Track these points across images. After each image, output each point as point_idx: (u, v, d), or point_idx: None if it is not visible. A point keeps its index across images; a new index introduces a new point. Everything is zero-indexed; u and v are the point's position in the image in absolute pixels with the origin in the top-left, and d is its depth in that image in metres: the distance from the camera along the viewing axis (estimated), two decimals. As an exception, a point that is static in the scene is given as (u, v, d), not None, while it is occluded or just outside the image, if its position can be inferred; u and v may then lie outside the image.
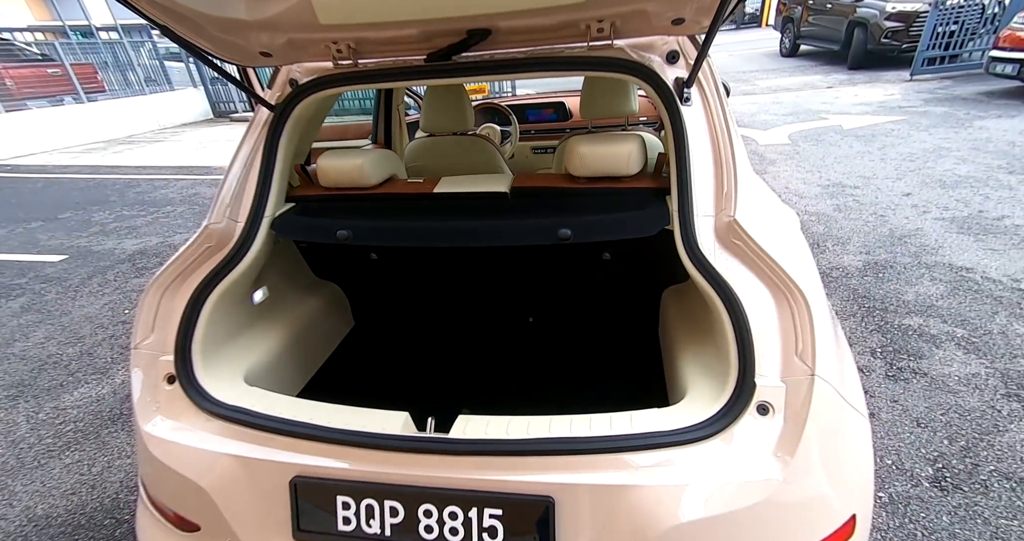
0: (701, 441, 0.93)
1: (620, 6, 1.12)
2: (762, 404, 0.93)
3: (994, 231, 3.33)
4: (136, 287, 3.66)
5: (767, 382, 0.94)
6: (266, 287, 1.55)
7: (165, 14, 1.12)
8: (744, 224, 1.06)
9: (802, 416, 0.89)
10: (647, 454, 0.92)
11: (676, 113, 1.23)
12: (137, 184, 6.66)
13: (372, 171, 1.53)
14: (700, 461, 0.90)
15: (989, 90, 7.04)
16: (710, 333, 1.23)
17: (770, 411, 0.93)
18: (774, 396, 0.93)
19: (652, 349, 1.70)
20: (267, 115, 1.49)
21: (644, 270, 1.67)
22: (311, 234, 1.47)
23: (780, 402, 0.93)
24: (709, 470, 0.89)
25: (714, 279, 1.06)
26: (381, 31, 1.26)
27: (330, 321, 1.89)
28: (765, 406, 0.93)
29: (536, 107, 3.70)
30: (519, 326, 1.98)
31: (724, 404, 0.97)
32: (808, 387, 0.90)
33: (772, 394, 0.93)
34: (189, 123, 12.28)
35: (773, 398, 0.93)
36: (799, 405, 0.91)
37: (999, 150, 4.78)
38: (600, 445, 0.93)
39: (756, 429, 0.92)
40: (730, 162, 1.17)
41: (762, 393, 0.94)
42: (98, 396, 2.49)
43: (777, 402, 0.93)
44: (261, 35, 1.27)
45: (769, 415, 0.93)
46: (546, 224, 1.31)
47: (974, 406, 2.01)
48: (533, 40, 1.34)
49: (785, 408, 0.92)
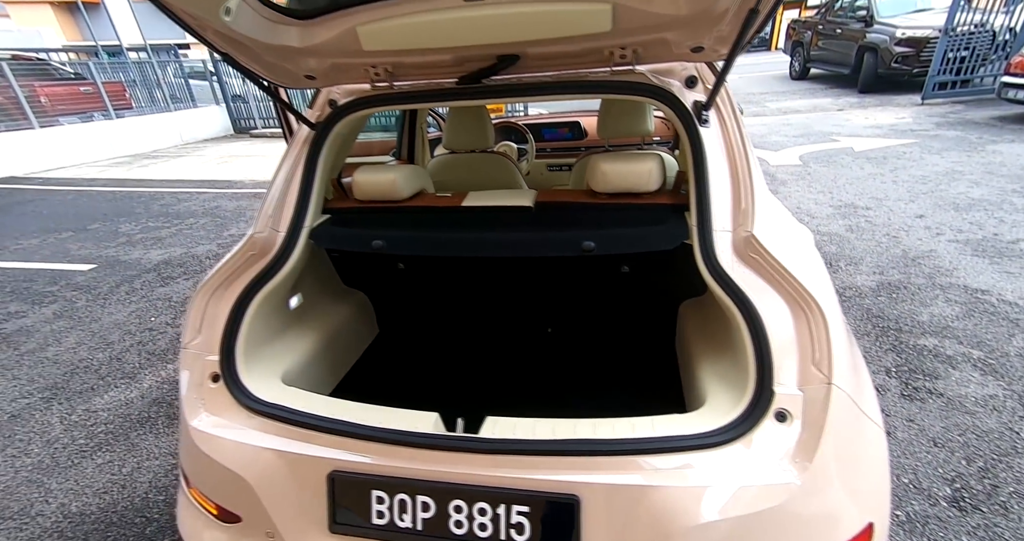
0: (721, 446, 0.97)
1: (643, 35, 1.21)
2: (780, 411, 0.98)
3: (1009, 254, 3.34)
4: (162, 296, 3.77)
5: (785, 390, 0.98)
6: (301, 294, 1.63)
7: (228, 43, 1.23)
8: (761, 239, 1.12)
9: (819, 423, 0.94)
10: (669, 457, 0.97)
11: (695, 134, 1.30)
12: (161, 197, 6.87)
13: (404, 185, 1.63)
14: (719, 465, 0.95)
15: (1002, 115, 7.08)
16: (727, 344, 1.28)
17: (788, 418, 0.97)
18: (792, 404, 0.97)
19: (668, 360, 1.74)
20: (307, 132, 1.60)
21: (662, 283, 1.73)
22: (348, 244, 1.55)
23: (798, 410, 0.97)
24: (728, 474, 0.93)
25: (732, 290, 1.12)
26: (417, 56, 1.36)
27: (357, 328, 1.97)
28: (783, 413, 0.98)
29: (552, 126, 3.82)
30: (538, 336, 2.04)
31: (743, 411, 1.01)
32: (825, 395, 0.95)
33: (790, 402, 0.97)
34: (211, 138, 12.66)
35: (791, 406, 0.97)
36: (816, 413, 0.95)
37: (1013, 174, 4.80)
38: (624, 447, 0.98)
39: (774, 435, 0.97)
40: (747, 180, 1.24)
41: (780, 400, 0.98)
42: (127, 400, 2.57)
43: (795, 409, 0.97)
44: (309, 60, 1.38)
45: (787, 422, 0.97)
46: (570, 236, 1.38)
47: (992, 427, 2.01)
48: (559, 65, 1.43)
49: (803, 415, 0.96)
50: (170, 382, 2.69)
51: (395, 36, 1.25)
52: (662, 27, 1.16)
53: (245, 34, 1.18)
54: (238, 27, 1.14)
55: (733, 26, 1.08)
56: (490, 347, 2.01)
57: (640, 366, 1.81)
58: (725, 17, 1.06)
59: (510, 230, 1.48)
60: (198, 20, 1.12)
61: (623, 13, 1.13)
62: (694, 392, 1.33)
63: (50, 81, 10.15)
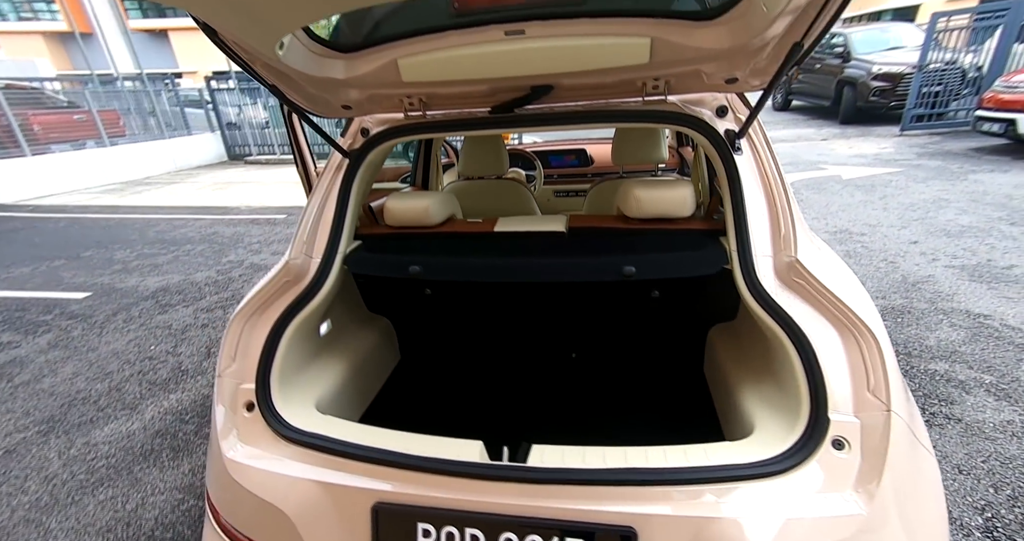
0: (779, 475, 0.95)
1: (679, 67, 1.26)
2: (837, 439, 0.97)
3: (1005, 280, 3.43)
4: (161, 323, 3.69)
5: (841, 417, 0.98)
6: (330, 320, 1.61)
7: (276, 76, 1.25)
8: (807, 264, 1.14)
9: (880, 452, 0.93)
10: (727, 486, 0.95)
11: (730, 161, 1.34)
12: (156, 224, 6.80)
13: (437, 211, 1.64)
14: (779, 495, 0.93)
15: (978, 146, 7.39)
16: (768, 369, 1.28)
17: (846, 446, 0.96)
18: (849, 431, 0.97)
19: (697, 385, 1.73)
20: (339, 160, 1.61)
21: (691, 308, 1.74)
22: (385, 269, 1.55)
23: (856, 437, 0.96)
24: (790, 505, 0.91)
25: (779, 316, 1.13)
26: (453, 87, 1.39)
27: (382, 354, 1.95)
28: (840, 441, 0.97)
29: (558, 153, 3.90)
30: (562, 361, 2.02)
31: (798, 438, 1.00)
32: (884, 423, 0.94)
33: (847, 429, 0.97)
34: (204, 165, 12.67)
35: (848, 433, 0.97)
36: (876, 441, 0.94)
37: (997, 202, 4.98)
38: (681, 476, 0.96)
39: (833, 464, 0.95)
40: (785, 206, 1.27)
41: (836, 428, 0.97)
42: (128, 432, 2.47)
43: (852, 437, 0.96)
44: (350, 91, 1.40)
45: (845, 450, 0.96)
46: (609, 261, 1.39)
47: (1014, 454, 2.02)
48: (590, 95, 1.47)
49: (861, 443, 0.96)
50: (174, 413, 2.60)
51: (434, 68, 1.28)
52: (699, 60, 1.21)
53: (293, 67, 1.20)
54: (288, 60, 1.16)
55: (771, 59, 1.13)
56: (513, 373, 1.99)
57: (668, 391, 1.80)
58: (764, 50, 1.11)
59: (545, 255, 1.49)
60: (251, 54, 1.14)
61: (661, 46, 1.17)
62: (736, 419, 1.32)
63: (43, 109, 10.15)
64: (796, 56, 1.01)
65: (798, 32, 0.97)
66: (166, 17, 29.02)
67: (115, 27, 25.15)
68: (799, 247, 1.18)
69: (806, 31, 0.95)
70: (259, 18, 0.96)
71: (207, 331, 3.53)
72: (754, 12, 1.00)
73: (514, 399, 1.85)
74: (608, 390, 1.86)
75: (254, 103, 12.58)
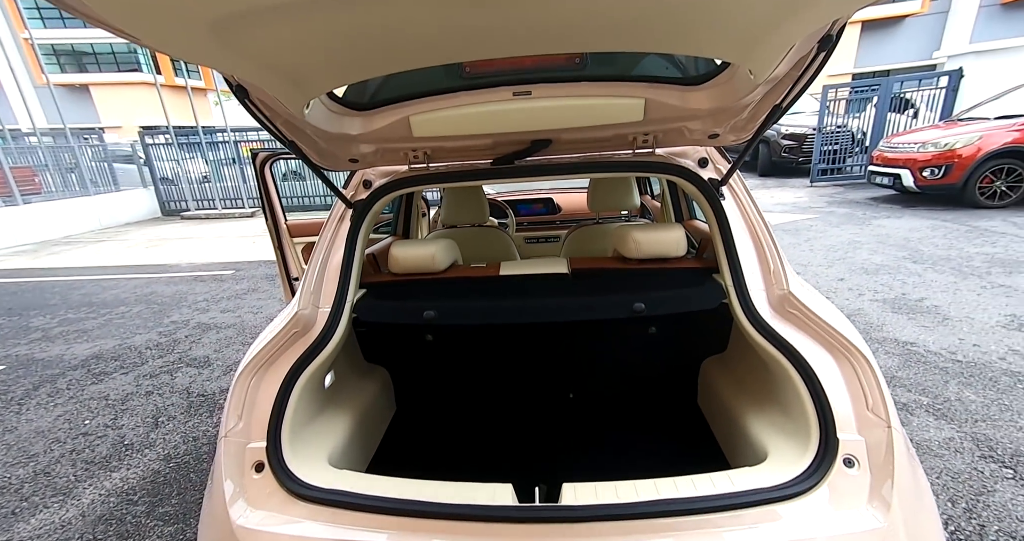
0: (803, 495, 1.02)
1: (669, 124, 1.42)
2: (847, 457, 1.06)
3: (919, 310, 3.88)
4: (95, 394, 3.32)
5: (847, 436, 1.08)
6: (334, 371, 1.57)
7: (294, 132, 1.30)
8: (798, 296, 1.28)
9: (888, 466, 1.02)
10: (760, 509, 1.00)
11: (718, 205, 1.49)
12: (81, 285, 6.25)
13: (442, 258, 1.68)
14: (808, 514, 0.99)
15: (874, 196, 8.47)
16: (769, 395, 1.38)
17: (855, 463, 1.05)
18: (856, 449, 1.06)
19: (693, 416, 1.81)
20: (342, 210, 1.64)
21: (686, 343, 1.84)
22: (399, 316, 1.55)
23: (863, 454, 1.06)
24: (819, 523, 0.98)
25: (780, 344, 1.24)
26: (458, 141, 1.49)
27: (381, 404, 1.90)
28: (850, 459, 1.06)
29: (527, 202, 4.09)
30: (560, 402, 2.04)
31: (812, 459, 1.08)
32: (888, 439, 1.05)
33: (854, 447, 1.07)
34: (135, 222, 11.93)
35: (856, 451, 1.06)
36: (882, 456, 1.04)
37: (898, 244, 5.68)
38: (717, 503, 1.00)
39: (847, 481, 1.04)
40: (770, 244, 1.42)
41: (845, 446, 1.07)
42: (63, 521, 2.16)
43: (860, 454, 1.06)
44: (360, 146, 1.46)
45: (855, 468, 1.05)
46: (618, 300, 1.47)
47: (961, 469, 2.22)
48: (585, 148, 1.61)
49: (869, 460, 1.05)
50: (118, 493, 2.32)
51: (444, 124, 1.38)
52: (687, 118, 1.38)
53: (313, 125, 1.25)
54: (309, 119, 1.22)
55: (751, 117, 1.32)
56: (513, 415, 1.99)
57: (666, 424, 1.86)
58: (745, 110, 1.29)
59: (552, 296, 1.56)
60: (275, 112, 1.18)
61: (654, 106, 1.34)
62: (743, 445, 1.39)
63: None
64: (776, 115, 1.18)
65: (778, 95, 1.15)
66: (87, 72, 28.03)
67: (27, 81, 23.93)
68: (790, 280, 1.32)
69: (785, 94, 1.13)
70: (300, 80, 1.02)
71: (153, 399, 3.22)
72: (738, 80, 1.18)
73: (516, 441, 1.84)
74: (608, 426, 1.89)
75: (192, 157, 12.20)
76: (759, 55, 0.98)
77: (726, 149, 1.69)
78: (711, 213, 1.51)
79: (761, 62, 1.01)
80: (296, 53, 0.92)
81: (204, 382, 3.42)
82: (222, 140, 11.81)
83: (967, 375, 2.93)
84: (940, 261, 4.94)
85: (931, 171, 6.92)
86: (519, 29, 0.86)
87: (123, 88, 27.09)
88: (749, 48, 0.96)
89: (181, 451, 2.63)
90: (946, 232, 5.94)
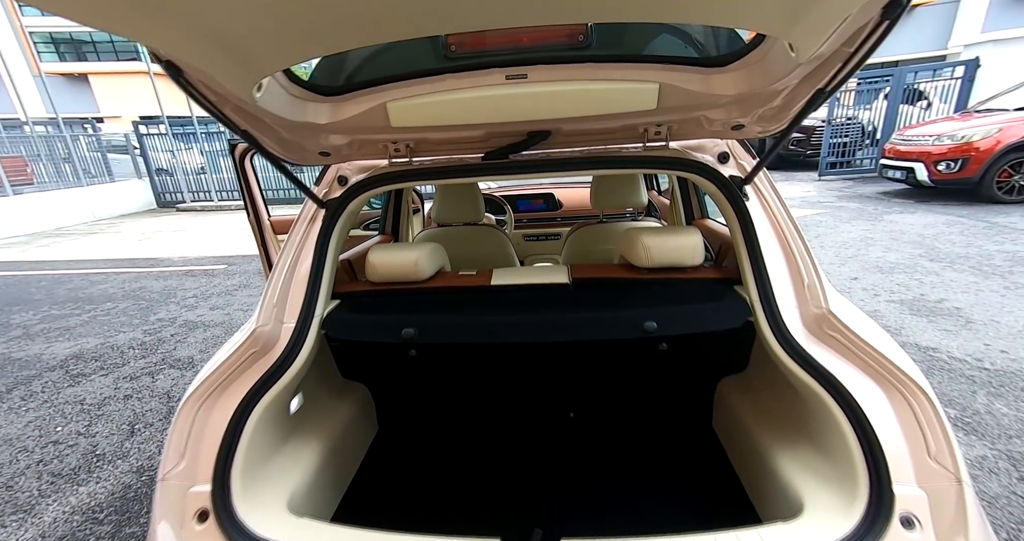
0: None
1: (686, 113, 1.22)
2: (906, 516, 0.87)
3: (940, 313, 3.68)
4: (71, 398, 3.16)
5: (905, 490, 0.89)
6: (302, 393, 1.38)
7: (249, 120, 1.10)
8: (841, 316, 1.08)
9: (959, 529, 0.84)
10: None
11: (742, 207, 1.30)
12: (69, 280, 6.07)
13: (426, 265, 1.49)
14: None
15: (885, 190, 8.23)
16: (802, 430, 1.20)
17: (916, 525, 0.87)
18: (917, 506, 0.88)
19: (709, 442, 1.62)
20: (314, 211, 1.44)
21: (700, 360, 1.65)
22: (374, 333, 1.36)
23: (925, 513, 0.87)
24: None
25: (818, 372, 1.05)
26: (444, 132, 1.29)
27: (360, 427, 1.71)
28: (909, 518, 0.87)
29: (527, 198, 3.88)
30: (560, 423, 1.85)
31: (862, 517, 0.90)
32: (958, 495, 0.86)
33: (914, 504, 0.88)
34: (129, 214, 11.76)
35: (916, 509, 0.88)
36: (950, 516, 0.85)
37: (913, 241, 5.46)
38: None
39: None
40: (804, 254, 1.23)
41: (903, 502, 0.88)
42: (21, 545, 2.00)
43: (922, 513, 0.87)
44: (330, 137, 1.27)
45: (916, 530, 0.86)
46: (626, 316, 1.28)
47: (998, 492, 2.04)
48: (589, 141, 1.41)
49: (932, 521, 0.87)
50: (84, 511, 2.15)
51: (427, 113, 1.18)
52: (708, 106, 1.18)
53: (270, 111, 1.05)
54: (264, 104, 1.02)
55: (785, 105, 1.11)
56: (507, 439, 1.80)
57: (679, 451, 1.67)
58: (777, 97, 1.09)
59: (550, 310, 1.36)
60: (221, 96, 0.98)
61: (670, 92, 1.13)
62: (772, 488, 1.21)
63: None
64: (819, 101, 0.98)
65: (821, 77, 0.95)
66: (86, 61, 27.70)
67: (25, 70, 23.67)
68: (830, 297, 1.13)
69: (832, 77, 0.93)
70: (242, 57, 0.82)
71: (131, 404, 3.06)
72: (773, 59, 0.98)
73: (509, 472, 1.65)
74: (614, 453, 1.70)
75: (188, 148, 11.99)
76: (806, 27, 0.78)
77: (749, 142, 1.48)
78: (733, 216, 1.32)
79: (807, 36, 0.81)
80: (237, 20, 0.72)
81: (186, 385, 3.24)
82: (218, 131, 11.58)
83: (997, 385, 2.74)
84: (959, 259, 4.73)
85: (947, 165, 6.68)
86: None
87: (122, 77, 26.76)
88: (794, 18, 0.76)
89: (156, 463, 2.46)
90: (963, 228, 5.72)
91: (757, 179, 1.36)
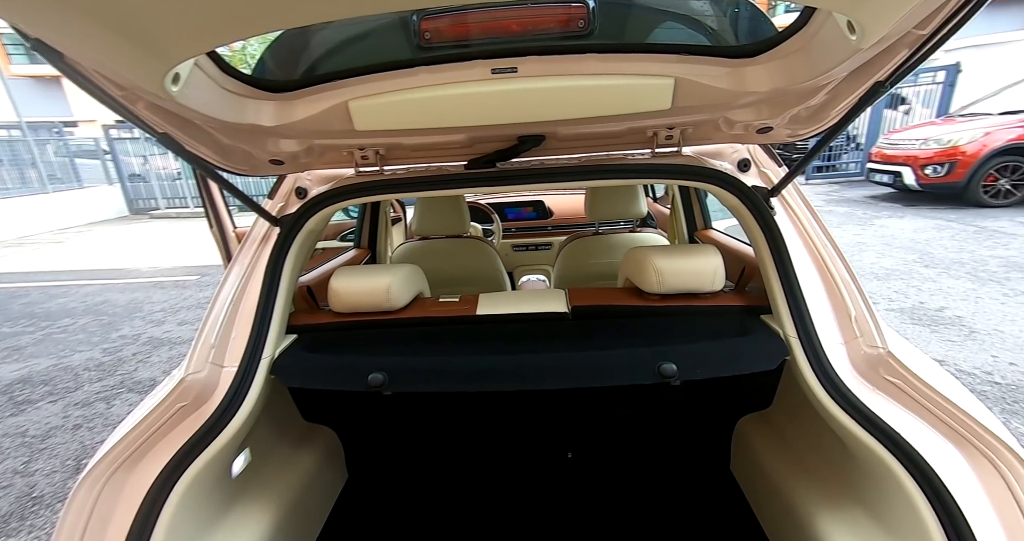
0: None
1: (704, 113, 1.04)
2: None
3: (942, 322, 3.56)
4: (11, 429, 2.85)
5: None
6: (249, 449, 1.15)
7: (169, 120, 0.87)
8: (903, 359, 0.90)
9: None
10: None
11: (771, 224, 1.11)
12: (25, 293, 5.70)
13: (400, 292, 1.27)
14: None
15: (872, 194, 8.23)
16: (850, 489, 1.01)
17: None
18: None
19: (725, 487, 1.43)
20: (265, 230, 1.22)
21: (717, 396, 1.46)
22: (333, 380, 1.13)
23: None
24: None
25: (873, 425, 0.87)
26: (419, 137, 1.09)
27: (326, 476, 1.47)
28: None
29: (515, 205, 3.68)
30: (555, 464, 1.64)
31: None
32: None
33: None
34: (99, 222, 11.27)
35: None
36: None
37: (906, 246, 5.39)
38: None
39: None
40: (847, 280, 1.05)
41: None
42: (-68, 615, 1.72)
43: None
44: (280, 142, 1.05)
45: None
46: (640, 356, 1.08)
47: None
48: (590, 146, 1.22)
49: None
50: (11, 572, 1.88)
51: (397, 114, 0.97)
52: (732, 105, 0.99)
53: (197, 110, 0.83)
54: (187, 100, 0.79)
55: (826, 103, 0.94)
56: (497, 483, 1.58)
57: (691, 497, 1.47)
58: (818, 93, 0.91)
59: (546, 349, 1.15)
60: (126, 90, 0.76)
61: (687, 89, 0.94)
62: None
63: None
64: (875, 96, 0.80)
65: (878, 68, 0.77)
66: (61, 63, 26.82)
67: (-7, 72, 22.88)
68: (887, 335, 0.94)
69: (897, 67, 0.75)
70: (141, 37, 0.60)
71: (79, 435, 2.77)
72: (820, 45, 0.80)
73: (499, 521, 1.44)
74: (617, 499, 1.50)
75: (163, 153, 11.57)
76: (881, 1, 0.60)
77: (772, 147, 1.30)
78: (760, 234, 1.13)
79: (880, 12, 0.63)
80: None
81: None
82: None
83: (1010, 401, 2.60)
84: (953, 265, 4.65)
85: (934, 169, 6.67)
86: None
87: (95, 79, 25.90)
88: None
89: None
90: (953, 233, 5.67)
91: (785, 192, 1.18)
